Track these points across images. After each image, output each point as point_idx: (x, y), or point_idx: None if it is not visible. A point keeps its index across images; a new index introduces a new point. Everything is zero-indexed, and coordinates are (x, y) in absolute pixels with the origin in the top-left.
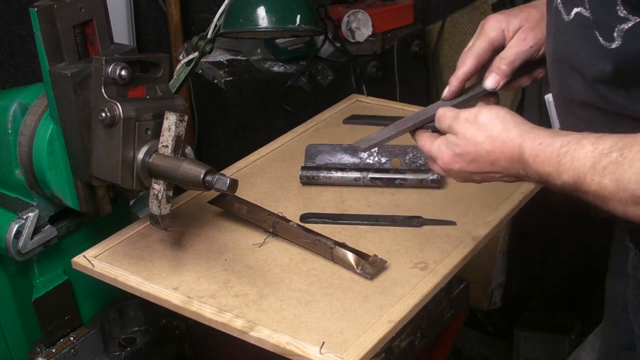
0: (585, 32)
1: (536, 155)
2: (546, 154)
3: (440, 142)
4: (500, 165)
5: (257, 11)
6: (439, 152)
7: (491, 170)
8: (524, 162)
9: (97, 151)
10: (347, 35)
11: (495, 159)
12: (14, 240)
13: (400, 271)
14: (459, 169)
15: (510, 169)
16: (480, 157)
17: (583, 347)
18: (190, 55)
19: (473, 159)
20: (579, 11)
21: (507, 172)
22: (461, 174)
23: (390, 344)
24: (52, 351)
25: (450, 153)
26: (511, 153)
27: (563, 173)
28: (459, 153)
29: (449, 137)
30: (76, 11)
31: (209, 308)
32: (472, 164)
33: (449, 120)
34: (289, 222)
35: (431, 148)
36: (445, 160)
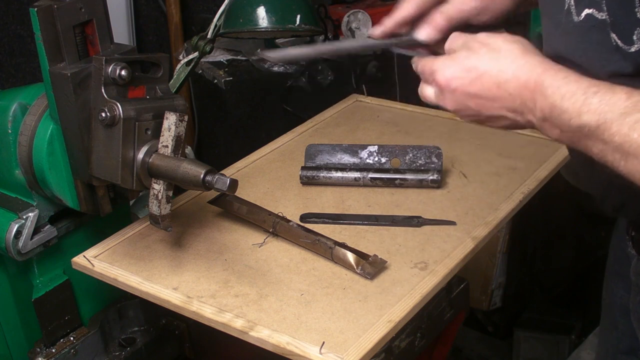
0: (597, 34)
1: (558, 87)
2: (570, 89)
3: (448, 57)
4: (507, 90)
5: (257, 11)
6: (442, 65)
7: (494, 95)
8: (540, 91)
9: (97, 151)
10: (347, 35)
11: (505, 81)
12: (14, 240)
13: (400, 271)
14: (457, 86)
15: (516, 97)
16: (488, 75)
17: (583, 347)
18: (190, 55)
19: (479, 76)
20: (591, 13)
21: (511, 102)
22: (456, 94)
23: (390, 344)
24: (52, 351)
25: (455, 66)
26: (526, 78)
27: (586, 113)
28: (466, 67)
29: (459, 52)
30: (76, 11)
31: (209, 308)
32: (475, 82)
33: (464, 38)
34: (289, 222)
35: (434, 62)
36: (446, 75)
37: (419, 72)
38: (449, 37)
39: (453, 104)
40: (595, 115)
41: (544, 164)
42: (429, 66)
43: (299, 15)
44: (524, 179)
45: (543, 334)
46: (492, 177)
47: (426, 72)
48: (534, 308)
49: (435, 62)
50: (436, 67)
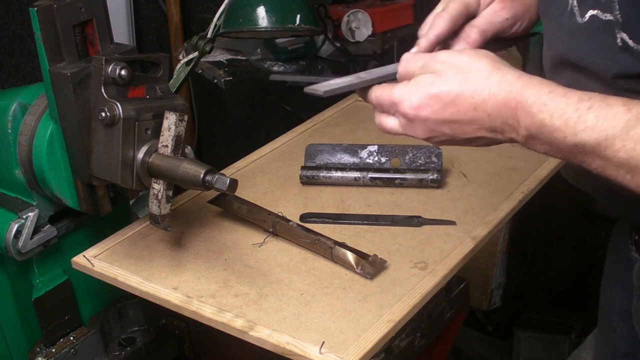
0: (602, 34)
1: (544, 104)
2: (559, 105)
3: (410, 84)
4: (485, 111)
5: (257, 11)
6: (406, 94)
7: (471, 118)
8: (523, 109)
9: (97, 151)
10: (347, 35)
11: (482, 102)
12: (14, 240)
13: (400, 271)
14: (428, 115)
15: (496, 117)
16: (463, 97)
17: (583, 347)
18: (190, 55)
19: (452, 100)
20: (595, 14)
21: (490, 123)
22: (428, 122)
23: (390, 344)
24: (52, 351)
25: (421, 94)
26: (505, 95)
27: (582, 132)
28: (434, 93)
29: (421, 77)
30: (76, 11)
31: (209, 308)
32: (449, 107)
33: (422, 59)
34: (288, 222)
35: (392, 92)
36: (412, 103)
37: (372, 103)
38: (401, 60)
39: (425, 133)
40: (594, 133)
41: (544, 164)
42: (387, 97)
43: (299, 15)
44: (524, 179)
45: (543, 334)
46: (492, 177)
47: (385, 104)
48: (534, 308)
49: (394, 91)
50: (398, 97)
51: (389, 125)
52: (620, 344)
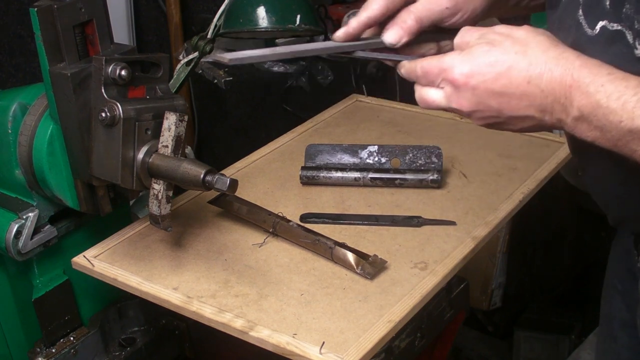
0: (614, 46)
1: (602, 84)
2: (617, 88)
3: (461, 52)
4: (539, 85)
5: (257, 11)
6: (457, 61)
7: (523, 91)
8: (579, 87)
9: (97, 151)
10: None
11: (537, 76)
12: (14, 240)
13: (400, 271)
14: (478, 83)
15: (548, 94)
16: (517, 69)
17: (583, 347)
18: (190, 55)
19: (506, 71)
20: (604, 25)
21: (541, 100)
22: (477, 92)
23: (390, 344)
24: (52, 351)
25: (475, 62)
26: (562, 72)
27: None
28: (488, 61)
29: (476, 46)
30: (76, 11)
31: (209, 308)
32: (502, 77)
33: (480, 30)
34: (289, 222)
35: (443, 59)
36: (463, 70)
37: (416, 75)
38: (460, 31)
39: (470, 105)
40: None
41: (544, 164)
42: (436, 65)
43: (299, 15)
44: (524, 179)
45: (543, 334)
46: (492, 177)
47: (431, 73)
48: (534, 308)
49: (444, 60)
50: (447, 65)
51: (431, 98)
52: (622, 352)
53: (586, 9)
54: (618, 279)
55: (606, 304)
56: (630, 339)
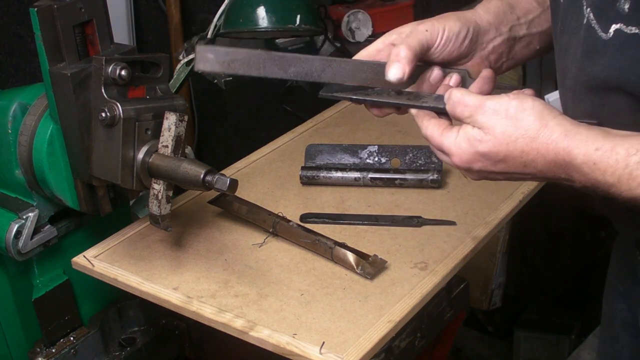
0: (631, 50)
1: (594, 163)
2: (608, 163)
3: (458, 137)
4: (535, 167)
5: (257, 11)
6: (456, 149)
7: (522, 172)
8: (574, 168)
9: (97, 151)
10: (347, 35)
11: (531, 161)
12: (14, 240)
13: (400, 271)
14: (480, 168)
15: (547, 172)
16: (511, 157)
17: (583, 347)
18: (190, 55)
19: (502, 159)
20: (619, 27)
21: (542, 175)
22: (482, 173)
23: (390, 344)
24: (52, 351)
25: (471, 151)
26: (554, 156)
27: (637, 187)
28: (484, 152)
29: (469, 132)
30: (76, 11)
31: (209, 308)
32: (499, 164)
33: (470, 109)
34: (289, 222)
35: (443, 142)
36: (464, 159)
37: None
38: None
39: (478, 178)
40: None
41: None
42: (438, 142)
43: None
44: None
45: (543, 334)
46: None
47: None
48: (534, 308)
49: (445, 141)
50: (448, 149)
51: (446, 161)
52: (623, 353)
53: (597, 11)
54: (619, 280)
55: (607, 304)
56: (632, 339)
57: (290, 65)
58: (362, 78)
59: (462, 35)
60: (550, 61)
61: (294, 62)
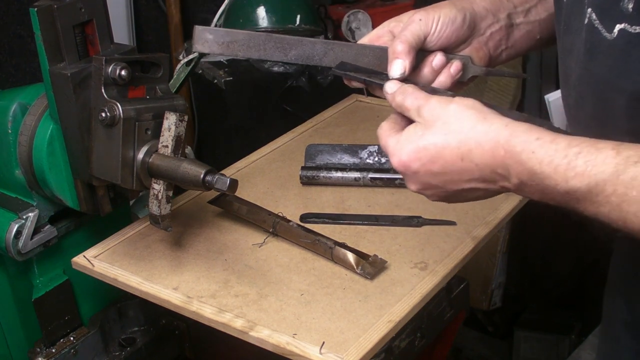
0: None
1: (533, 151)
2: (547, 152)
3: (402, 136)
4: (472, 160)
5: (257, 11)
6: (397, 149)
7: (459, 168)
8: (512, 157)
9: (97, 151)
10: (347, 35)
11: (468, 152)
12: (14, 240)
13: (400, 271)
14: (418, 168)
15: (484, 167)
16: (449, 149)
17: (583, 347)
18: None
19: (439, 152)
20: (623, 27)
21: (479, 173)
22: (419, 176)
23: (390, 344)
24: (52, 351)
25: (410, 147)
26: (493, 145)
27: (573, 178)
28: (422, 146)
29: (411, 129)
30: (76, 11)
31: (209, 308)
32: (437, 159)
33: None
34: (289, 222)
35: (387, 142)
36: (402, 159)
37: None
38: (399, 92)
39: (417, 186)
40: (584, 179)
41: None
42: (384, 144)
43: (299, 15)
44: None
45: (543, 334)
46: None
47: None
48: (534, 308)
49: (389, 142)
50: (391, 151)
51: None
52: (624, 353)
53: (600, 11)
54: (621, 279)
55: (608, 304)
56: (633, 339)
57: (292, 48)
58: (364, 62)
59: (459, 21)
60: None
61: (295, 44)
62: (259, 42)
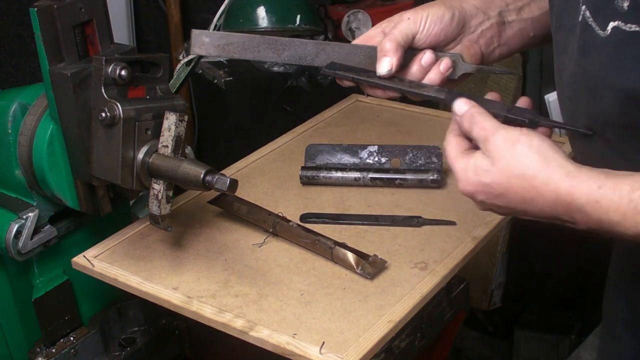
0: (630, 48)
1: (596, 202)
2: (612, 200)
3: (469, 165)
4: (535, 206)
5: (257, 11)
6: (464, 176)
7: (522, 209)
8: (576, 209)
9: (97, 151)
10: (347, 35)
11: (531, 199)
12: (14, 240)
13: (400, 271)
14: (484, 199)
15: (549, 211)
16: (512, 192)
17: (583, 347)
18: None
19: (503, 193)
20: (617, 25)
21: (543, 215)
22: (485, 205)
23: (390, 344)
24: (52, 351)
25: (476, 181)
26: (554, 196)
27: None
28: (486, 183)
29: (479, 161)
30: (76, 11)
31: (209, 308)
32: (501, 197)
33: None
34: (289, 222)
35: (454, 165)
36: (469, 189)
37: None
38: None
39: (482, 208)
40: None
41: None
42: (451, 165)
43: (299, 15)
44: None
45: (543, 334)
46: None
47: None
48: (534, 308)
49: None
50: (457, 174)
51: None
52: (625, 353)
53: (594, 9)
54: (621, 279)
55: (608, 304)
56: (633, 339)
57: (285, 49)
58: (355, 62)
59: (447, 18)
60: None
61: (288, 45)
62: (253, 44)
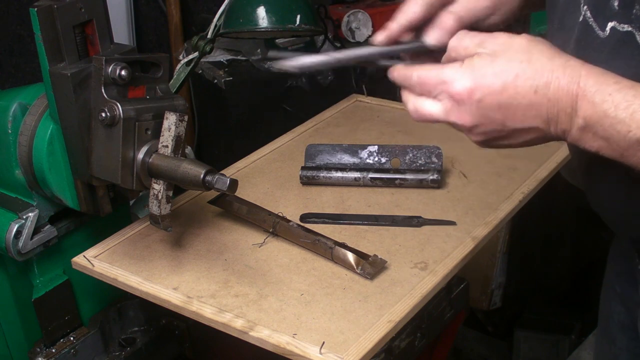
0: (626, 48)
1: (610, 94)
2: (626, 97)
3: (462, 64)
4: (546, 95)
5: (257, 11)
6: (458, 75)
7: (530, 101)
8: (585, 96)
9: (97, 151)
10: (347, 35)
11: (544, 85)
12: (14, 240)
13: (400, 271)
14: (483, 96)
15: (555, 103)
16: (524, 78)
17: (583, 347)
18: (190, 55)
19: (513, 81)
20: (614, 25)
21: (547, 110)
22: (481, 105)
23: (390, 344)
24: (52, 351)
25: (478, 74)
26: (568, 80)
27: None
28: (493, 72)
29: (476, 60)
30: (76, 11)
31: (209, 308)
32: (508, 88)
33: (480, 36)
34: (289, 222)
35: (443, 71)
36: (466, 85)
37: (410, 83)
38: (458, 34)
39: (473, 119)
40: None
41: (544, 164)
42: (435, 76)
43: (299, 15)
44: (524, 179)
45: (543, 334)
46: (492, 177)
47: (429, 83)
48: (534, 308)
49: (445, 72)
50: (448, 77)
51: (428, 111)
52: (620, 354)
53: (594, 9)
54: (616, 281)
55: (604, 306)
56: (629, 341)
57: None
58: None
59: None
60: None
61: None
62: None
